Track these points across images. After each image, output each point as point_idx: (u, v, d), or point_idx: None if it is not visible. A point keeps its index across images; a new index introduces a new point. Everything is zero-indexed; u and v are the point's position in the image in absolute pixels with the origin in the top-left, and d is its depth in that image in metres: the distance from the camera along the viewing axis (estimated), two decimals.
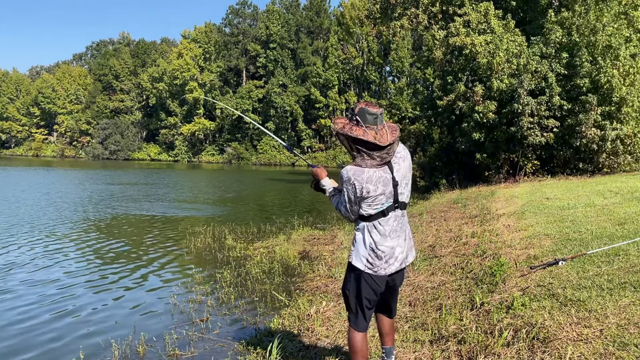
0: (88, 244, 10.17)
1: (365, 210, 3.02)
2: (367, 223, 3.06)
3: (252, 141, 70.44)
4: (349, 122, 3.00)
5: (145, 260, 8.80)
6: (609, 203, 8.67)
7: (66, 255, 9.10)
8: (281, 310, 5.64)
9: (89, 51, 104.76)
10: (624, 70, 16.35)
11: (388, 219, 3.06)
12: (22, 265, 8.22)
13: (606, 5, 17.11)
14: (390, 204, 3.05)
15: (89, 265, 8.34)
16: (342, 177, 3.00)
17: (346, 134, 2.96)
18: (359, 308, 3.15)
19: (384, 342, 3.45)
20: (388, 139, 2.92)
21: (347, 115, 3.06)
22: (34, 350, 4.88)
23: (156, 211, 15.54)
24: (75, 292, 6.78)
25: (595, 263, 4.89)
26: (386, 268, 3.09)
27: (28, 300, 6.40)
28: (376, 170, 2.95)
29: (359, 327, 3.18)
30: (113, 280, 7.43)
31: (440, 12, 22.30)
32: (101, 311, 6.01)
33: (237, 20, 77.71)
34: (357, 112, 2.96)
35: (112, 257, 9.01)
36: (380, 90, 64.05)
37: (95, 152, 79.52)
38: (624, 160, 17.18)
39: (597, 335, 3.37)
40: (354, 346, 3.19)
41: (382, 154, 2.94)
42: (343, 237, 9.79)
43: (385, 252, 3.07)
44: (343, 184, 3.01)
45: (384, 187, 2.98)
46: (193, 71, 72.27)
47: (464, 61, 19.17)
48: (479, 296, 4.72)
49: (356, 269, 3.10)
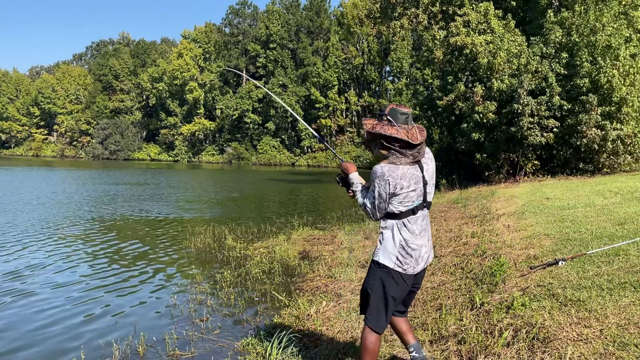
0: (88, 244, 10.17)
1: (396, 208, 3.04)
2: (397, 221, 3.08)
3: (252, 141, 70.45)
4: (378, 122, 3.06)
5: (145, 260, 8.80)
6: (609, 203, 8.67)
7: (65, 255, 9.10)
8: (281, 310, 5.64)
9: (89, 51, 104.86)
10: (624, 71, 16.35)
11: (417, 217, 3.10)
12: (21, 265, 8.22)
13: (606, 5, 17.11)
14: (420, 202, 3.10)
15: (89, 265, 8.33)
16: (376, 173, 3.00)
17: (379, 133, 3.01)
18: (382, 307, 3.12)
19: (408, 340, 3.40)
20: (419, 138, 3.02)
21: (376, 116, 3.12)
22: (34, 350, 4.88)
23: (156, 211, 15.54)
24: (74, 292, 6.78)
25: (595, 263, 4.89)
26: (415, 267, 3.11)
27: (28, 299, 6.40)
28: (409, 167, 3.02)
29: (378, 328, 3.14)
30: (113, 280, 7.43)
31: (440, 12, 22.30)
32: (101, 311, 6.01)
33: (237, 20, 77.72)
34: (389, 112, 3.03)
35: (112, 257, 9.00)
36: (380, 90, 64.05)
37: (95, 152, 79.54)
38: (624, 161, 17.18)
39: (597, 335, 3.37)
40: (368, 347, 3.14)
41: (414, 153, 3.02)
42: (343, 237, 9.79)
43: (415, 251, 3.09)
44: (375, 180, 3.01)
45: (416, 184, 3.04)
46: (193, 71, 72.29)
47: (464, 61, 19.17)
48: (479, 296, 4.72)
49: (384, 267, 3.09)
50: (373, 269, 3.16)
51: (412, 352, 3.38)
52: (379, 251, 3.13)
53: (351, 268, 6.96)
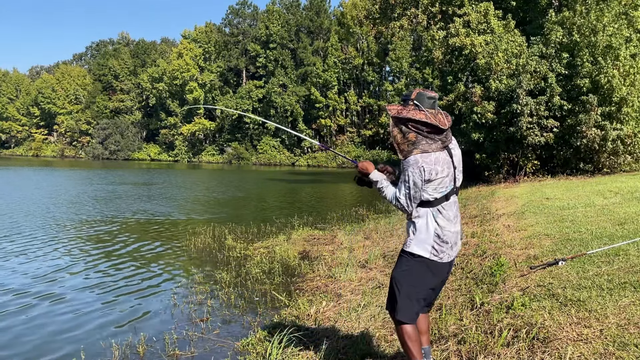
0: (87, 244, 10.16)
1: (430, 195, 2.98)
2: (431, 209, 3.00)
3: (252, 141, 70.43)
4: (403, 107, 3.00)
5: (145, 260, 8.80)
6: (609, 203, 8.67)
7: (65, 254, 9.10)
8: (281, 310, 5.64)
9: (89, 51, 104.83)
10: (624, 71, 16.36)
11: (450, 203, 3.05)
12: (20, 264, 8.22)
13: (607, 6, 17.12)
14: (452, 188, 3.05)
15: (88, 265, 8.33)
16: (409, 162, 2.93)
17: (408, 117, 2.93)
18: (415, 299, 3.03)
19: (422, 342, 3.23)
20: (446, 123, 2.97)
21: (400, 102, 3.06)
22: (33, 350, 4.88)
23: (157, 211, 15.54)
24: (74, 292, 6.78)
25: (595, 263, 4.90)
26: (450, 254, 3.05)
27: (27, 300, 6.40)
28: (440, 153, 2.96)
29: (409, 319, 3.04)
30: (112, 280, 7.42)
31: (439, 13, 22.30)
32: (101, 311, 6.00)
33: (237, 20, 77.68)
34: (415, 97, 2.97)
35: (111, 257, 9.00)
36: (380, 90, 64.05)
37: (95, 152, 79.52)
38: (624, 160, 17.19)
39: (597, 335, 3.37)
40: (409, 336, 3.03)
41: (442, 138, 2.98)
42: (343, 237, 9.79)
43: (450, 238, 3.03)
44: (408, 168, 2.93)
45: (448, 169, 3.00)
46: (193, 71, 72.28)
47: (464, 61, 19.18)
48: (479, 296, 4.72)
49: (418, 257, 3.01)
50: (405, 260, 3.07)
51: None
52: (411, 241, 3.04)
53: (351, 268, 6.96)
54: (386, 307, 3.23)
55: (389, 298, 3.16)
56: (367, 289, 5.90)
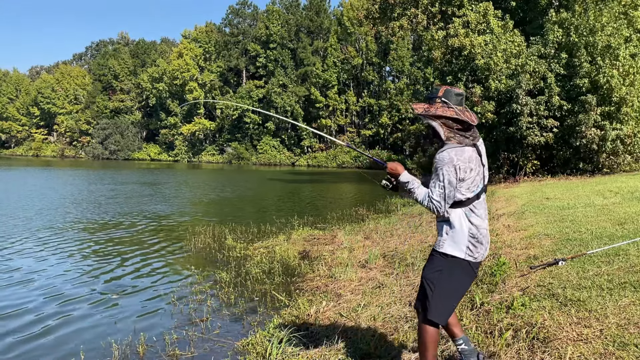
0: (87, 244, 10.16)
1: (463, 194, 2.93)
2: (464, 208, 2.95)
3: (252, 141, 70.44)
4: (430, 105, 2.95)
5: (145, 260, 8.80)
6: (609, 203, 8.68)
7: (65, 254, 9.09)
8: (281, 310, 5.64)
9: (89, 51, 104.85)
10: (624, 70, 16.36)
11: (481, 201, 3.02)
12: (19, 265, 8.22)
13: (606, 6, 17.13)
14: (482, 186, 3.02)
15: (88, 265, 8.33)
16: (443, 159, 2.85)
17: (438, 115, 2.89)
18: (448, 300, 3.00)
19: (456, 333, 3.25)
20: (474, 119, 2.93)
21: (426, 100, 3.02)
22: (33, 350, 4.87)
23: (157, 210, 15.54)
24: (74, 291, 6.78)
25: (595, 263, 4.90)
26: (483, 254, 3.02)
27: (26, 299, 6.40)
28: (472, 150, 2.92)
29: (440, 320, 2.99)
30: (112, 280, 7.43)
31: (439, 13, 22.30)
32: (101, 311, 6.00)
33: (237, 20, 77.70)
34: (443, 94, 2.92)
35: (111, 257, 9.00)
36: (380, 90, 64.06)
37: (95, 152, 79.53)
38: (624, 160, 17.20)
39: (597, 335, 3.37)
40: (429, 341, 3.00)
41: (472, 134, 2.93)
42: (343, 237, 9.78)
43: (484, 236, 3.00)
44: (443, 167, 2.85)
45: (479, 167, 2.96)
46: (193, 71, 72.29)
47: (464, 62, 19.19)
48: (479, 296, 4.72)
49: (452, 258, 2.96)
50: (437, 261, 3.01)
51: (460, 344, 3.26)
52: (444, 242, 2.98)
53: (351, 268, 6.96)
54: (414, 305, 3.17)
55: (420, 297, 3.09)
56: (367, 289, 5.90)
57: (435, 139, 3.01)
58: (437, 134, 2.95)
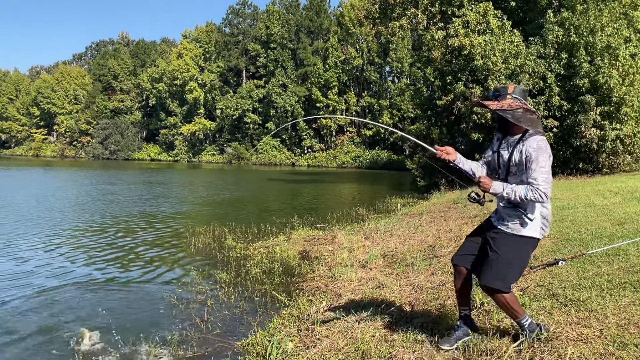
0: (86, 243, 10.16)
1: None
2: None
3: (252, 141, 70.42)
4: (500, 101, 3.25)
5: (145, 260, 8.80)
6: (609, 203, 8.68)
7: (65, 254, 9.10)
8: (281, 310, 5.64)
9: (89, 51, 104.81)
10: (624, 71, 16.36)
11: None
12: (19, 264, 8.22)
13: (606, 6, 17.13)
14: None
15: (87, 265, 8.33)
16: (541, 148, 3.16)
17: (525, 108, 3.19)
18: (519, 272, 3.41)
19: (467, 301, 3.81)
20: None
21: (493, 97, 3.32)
22: (32, 349, 4.87)
23: (157, 210, 15.54)
24: (74, 291, 6.78)
25: (595, 263, 4.90)
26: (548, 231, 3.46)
27: (26, 299, 6.40)
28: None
29: (510, 288, 3.37)
30: (113, 280, 7.43)
31: (439, 13, 22.31)
32: (101, 311, 6.00)
33: (237, 20, 77.69)
34: (513, 91, 3.24)
35: (111, 257, 9.01)
36: (380, 90, 64.04)
37: (95, 152, 79.50)
38: (624, 160, 17.19)
39: (597, 335, 3.38)
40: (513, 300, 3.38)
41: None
42: (343, 237, 9.78)
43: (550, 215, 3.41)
44: (542, 155, 3.15)
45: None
46: (193, 71, 72.25)
47: (463, 62, 19.19)
48: (479, 296, 4.72)
49: (529, 238, 3.32)
50: (515, 242, 3.33)
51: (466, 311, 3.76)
52: (521, 226, 3.32)
53: (351, 268, 6.95)
54: (486, 281, 3.40)
55: (495, 274, 3.35)
56: (367, 289, 5.90)
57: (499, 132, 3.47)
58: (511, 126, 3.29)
